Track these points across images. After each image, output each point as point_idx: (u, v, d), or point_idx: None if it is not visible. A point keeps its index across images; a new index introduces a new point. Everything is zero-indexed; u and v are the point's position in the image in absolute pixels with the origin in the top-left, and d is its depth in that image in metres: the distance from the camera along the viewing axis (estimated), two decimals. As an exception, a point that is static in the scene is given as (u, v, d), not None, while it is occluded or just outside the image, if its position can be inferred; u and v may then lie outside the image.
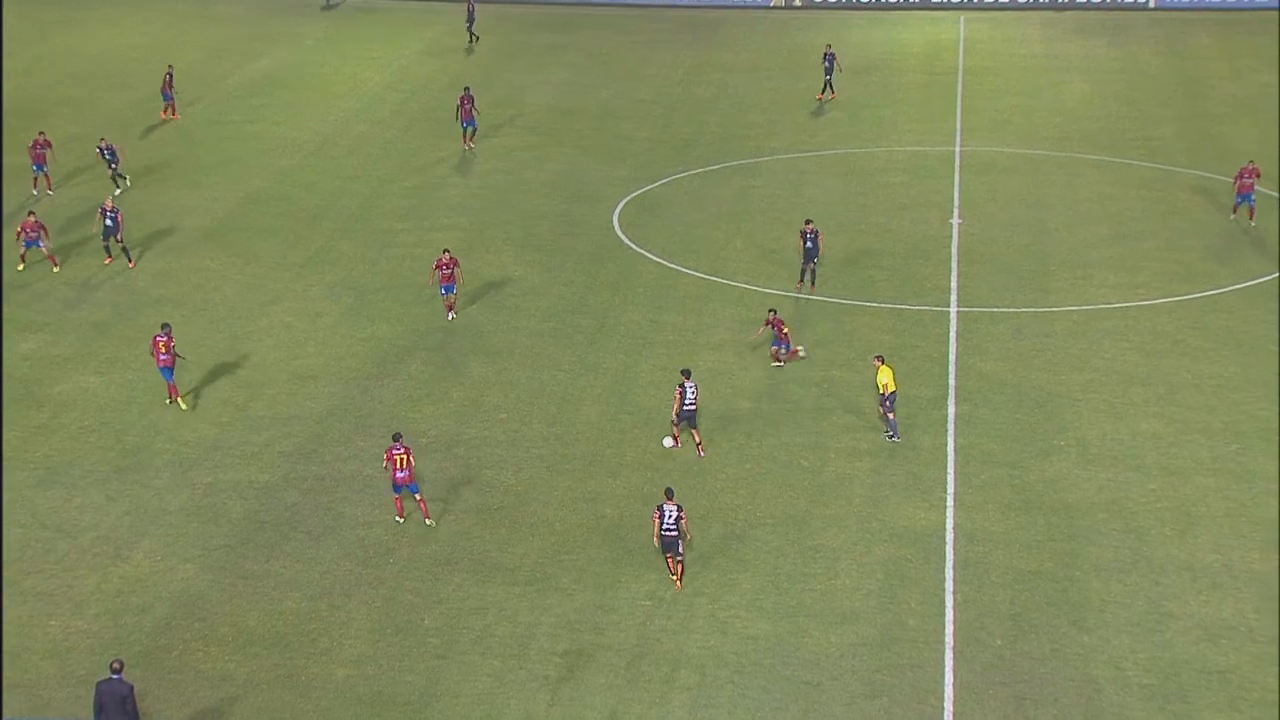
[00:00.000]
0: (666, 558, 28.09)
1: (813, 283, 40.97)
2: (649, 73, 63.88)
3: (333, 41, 68.35)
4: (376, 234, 44.98)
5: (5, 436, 32.97)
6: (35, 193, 47.11)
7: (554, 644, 26.43)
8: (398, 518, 30.19)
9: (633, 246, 44.65)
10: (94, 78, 60.07)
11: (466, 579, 28.34)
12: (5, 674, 25.40)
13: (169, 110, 55.97)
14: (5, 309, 37.32)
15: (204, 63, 62.35)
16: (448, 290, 39.01)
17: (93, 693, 22.81)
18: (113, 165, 47.52)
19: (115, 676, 22.71)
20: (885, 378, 33.01)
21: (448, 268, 38.75)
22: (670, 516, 27.78)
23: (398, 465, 29.70)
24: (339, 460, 32.36)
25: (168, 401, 34.73)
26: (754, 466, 32.40)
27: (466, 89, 53.66)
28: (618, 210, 47.54)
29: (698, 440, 32.83)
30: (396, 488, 29.93)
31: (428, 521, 30.07)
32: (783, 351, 36.46)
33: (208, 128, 55.12)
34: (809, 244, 40.36)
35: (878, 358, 33.64)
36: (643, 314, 39.87)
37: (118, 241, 42.26)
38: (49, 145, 47.38)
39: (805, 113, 57.91)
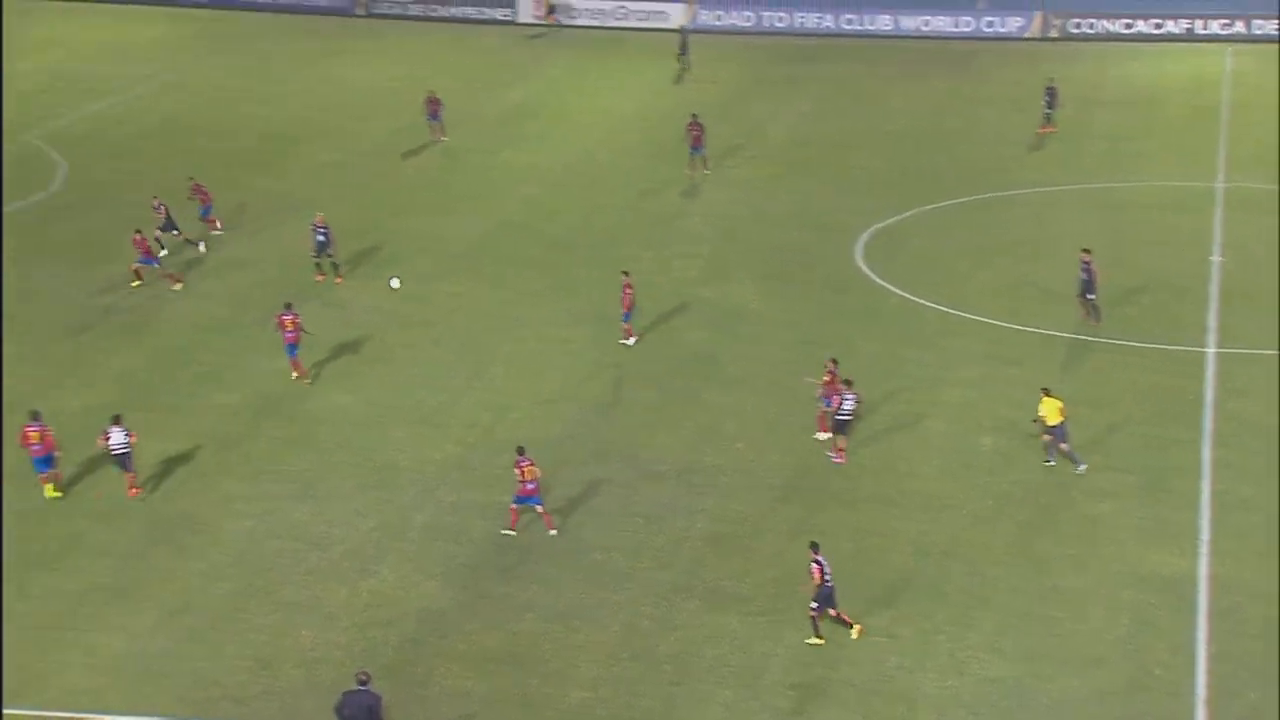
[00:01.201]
0: (825, 613, 27.02)
1: (1096, 317, 39.91)
2: (895, 104, 63.29)
3: (581, 72, 69.58)
4: (619, 262, 45.43)
5: (264, 451, 34.27)
6: (217, 230, 47.23)
7: (787, 676, 26.23)
8: (508, 530, 30.54)
9: (874, 279, 44.21)
10: (354, 107, 62.29)
11: (701, 606, 28.35)
12: (259, 682, 26.35)
13: (438, 132, 57.60)
14: (260, 327, 38.77)
15: (458, 93, 64.07)
16: (627, 318, 39.55)
17: (336, 702, 23.42)
18: (168, 223, 45.21)
19: (362, 688, 23.33)
20: (1050, 410, 32.38)
21: (627, 288, 39.38)
22: (829, 567, 27.12)
23: (525, 477, 30.17)
24: (576, 484, 32.74)
25: (294, 377, 36.67)
26: (995, 504, 31.70)
27: (694, 116, 54.00)
28: (860, 242, 47.16)
29: (839, 447, 33.17)
30: (519, 499, 30.39)
31: (551, 532, 30.45)
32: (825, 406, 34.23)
33: (461, 156, 56.59)
34: (1085, 276, 39.57)
35: (1044, 390, 32.90)
36: (883, 347, 39.41)
37: (329, 257, 43.54)
38: (201, 190, 47.08)
39: (1058, 145, 56.61)
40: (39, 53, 70.74)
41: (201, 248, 45.46)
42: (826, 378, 34.18)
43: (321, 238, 43.25)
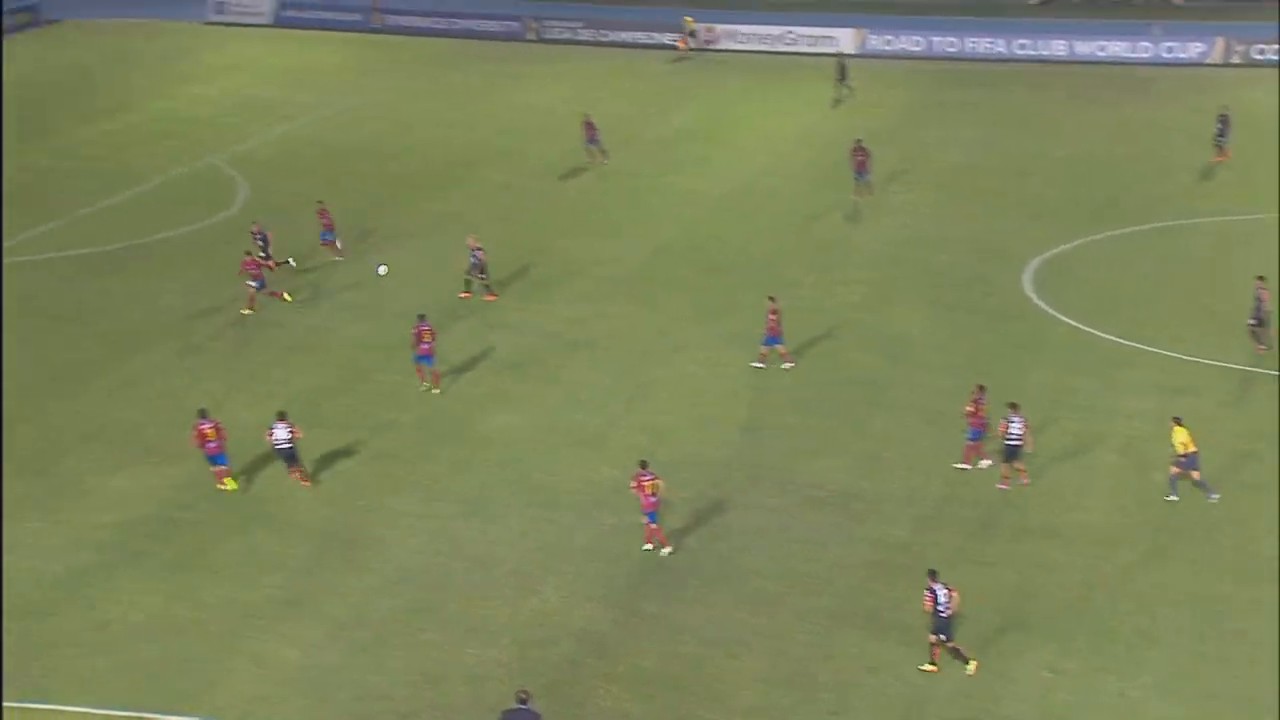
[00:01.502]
0: (940, 642, 26.69)
1: (1267, 345, 38.94)
2: (1068, 130, 62.21)
3: (746, 96, 69.70)
4: (781, 286, 45.35)
5: (432, 469, 34.89)
6: (338, 258, 47.73)
7: (948, 710, 25.89)
8: (646, 545, 30.79)
9: (1043, 307, 43.50)
10: (526, 130, 63.22)
11: (860, 635, 28.15)
12: (424, 696, 26.81)
13: (597, 155, 58.11)
14: (436, 350, 39.45)
15: (625, 116, 64.70)
16: (772, 342, 39.37)
17: None
18: (264, 251, 45.39)
19: (522, 706, 23.61)
20: (1182, 438, 31.65)
21: (773, 313, 39.24)
22: (944, 596, 26.66)
23: (646, 492, 30.30)
24: (734, 509, 32.76)
25: (422, 388, 37.83)
26: (1169, 540, 30.95)
27: (859, 141, 53.69)
28: (1028, 269, 46.43)
29: (1005, 475, 32.82)
30: (649, 514, 30.84)
31: (665, 550, 30.69)
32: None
33: (624, 180, 57.08)
34: (1258, 305, 38.64)
35: (1175, 419, 32.20)
36: (1052, 376, 38.75)
37: (480, 277, 44.15)
38: (326, 215, 47.73)
39: (1231, 173, 55.13)
40: (225, 77, 73.13)
41: (290, 262, 46.01)
42: (971, 407, 33.82)
43: (475, 259, 44.02)
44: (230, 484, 33.45)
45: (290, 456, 33.33)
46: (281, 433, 33.19)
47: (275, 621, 28.92)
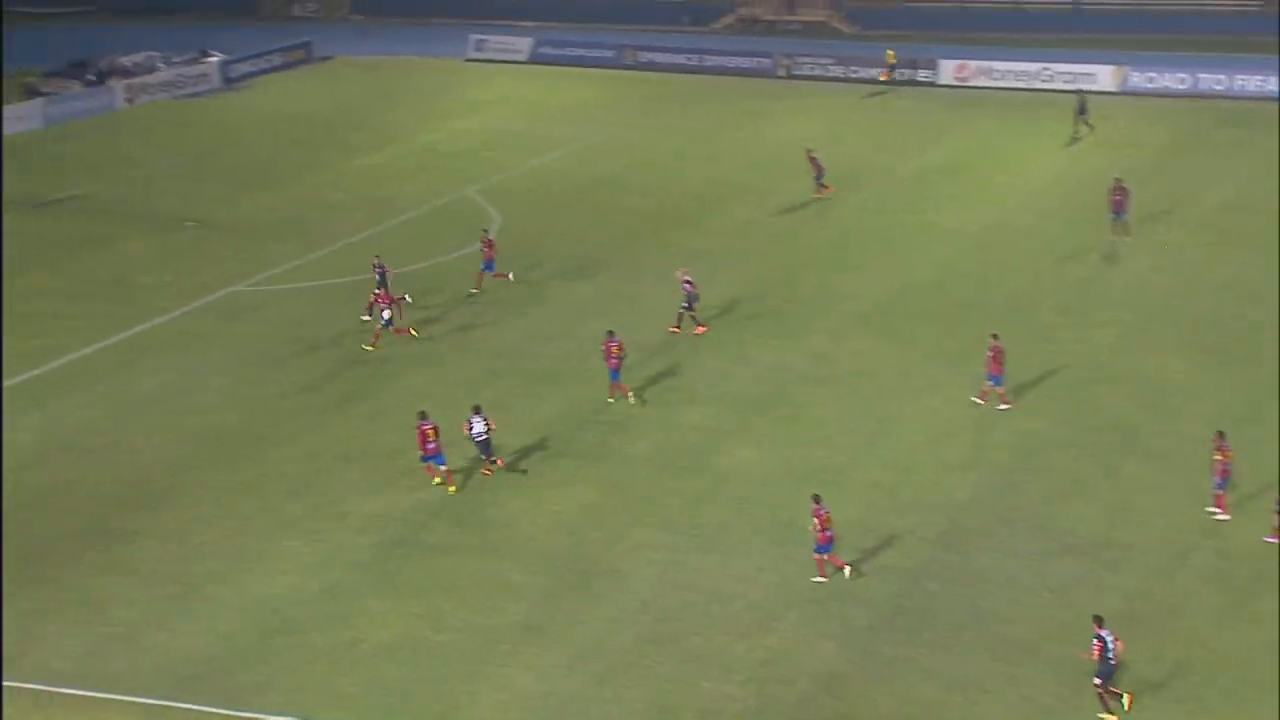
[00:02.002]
0: (1106, 690, 26.32)
1: None
2: (1341, 170, 59.45)
3: (1000, 133, 68.52)
4: (1033, 327, 44.41)
5: (671, 502, 35.05)
6: (474, 291, 48.18)
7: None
8: (819, 578, 30.87)
9: (1312, 353, 41.56)
10: (773, 165, 63.30)
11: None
12: (655, 725, 26.93)
13: (823, 189, 58.18)
14: (682, 381, 39.66)
15: (874, 153, 64.25)
16: (994, 381, 38.68)
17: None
18: (381, 285, 45.26)
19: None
20: None
21: (995, 350, 38.49)
22: (1110, 640, 26.09)
23: (821, 525, 30.75)
24: (980, 552, 32.06)
25: (610, 400, 39.45)
26: None
27: (1118, 180, 52.15)
28: (1297, 315, 44.45)
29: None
30: (819, 548, 31.06)
31: (844, 570, 31.01)
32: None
33: (873, 215, 56.62)
34: None
35: None
36: (1321, 426, 36.95)
37: (688, 310, 44.30)
38: (492, 246, 48.33)
39: None
40: (483, 112, 75.18)
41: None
42: (1219, 455, 32.46)
43: (686, 291, 44.30)
44: (438, 480, 35.20)
45: (486, 447, 35.59)
46: (479, 425, 35.48)
47: (516, 647, 29.36)
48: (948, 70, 78.49)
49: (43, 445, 37.46)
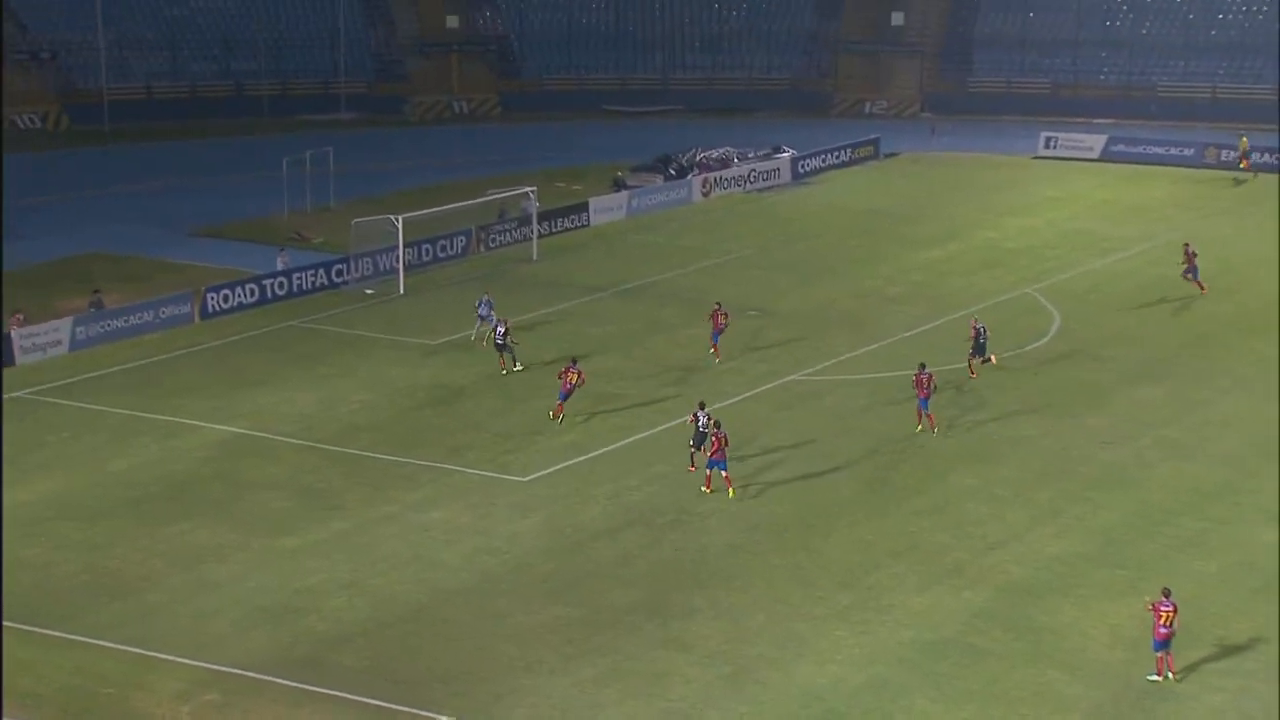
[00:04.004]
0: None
1: None
2: None
3: None
4: None
5: (1242, 625, 32.76)
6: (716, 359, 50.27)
7: None
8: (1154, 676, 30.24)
9: None
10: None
11: None
12: None
13: (1196, 282, 56.78)
14: (1263, 500, 37.17)
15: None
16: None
17: None
18: (502, 340, 49.06)
19: None
20: None
21: None
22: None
23: (1162, 620, 30.07)
24: None
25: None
26: None
27: None
28: None
29: None
30: (1158, 644, 30.42)
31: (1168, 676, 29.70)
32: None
33: None
34: None
35: None
36: None
37: (976, 356, 47.34)
38: (726, 316, 50.38)
39: None
40: (1048, 209, 73.95)
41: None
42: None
43: (976, 333, 47.48)
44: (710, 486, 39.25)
45: (700, 442, 39.68)
46: (703, 419, 39.99)
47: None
48: None
49: (609, 518, 39.37)
